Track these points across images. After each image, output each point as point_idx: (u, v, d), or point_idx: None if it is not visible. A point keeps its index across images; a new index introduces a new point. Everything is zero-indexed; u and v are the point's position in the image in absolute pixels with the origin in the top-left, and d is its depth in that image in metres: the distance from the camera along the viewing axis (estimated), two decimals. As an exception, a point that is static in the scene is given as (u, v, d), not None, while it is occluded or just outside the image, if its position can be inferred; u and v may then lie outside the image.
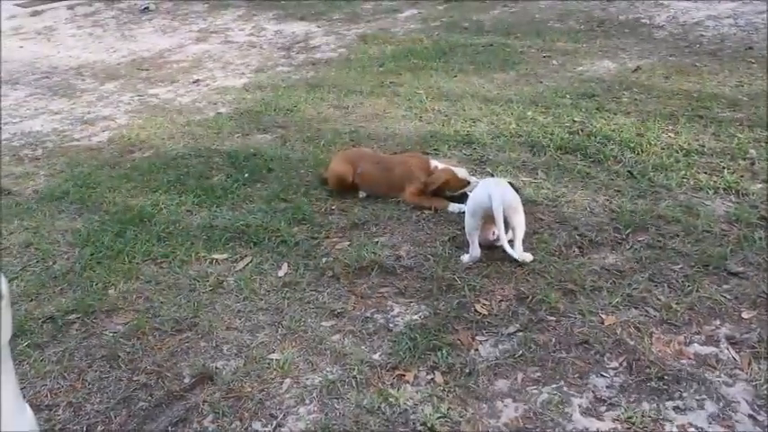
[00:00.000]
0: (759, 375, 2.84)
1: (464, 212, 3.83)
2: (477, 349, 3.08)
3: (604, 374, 2.91)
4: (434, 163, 4.46)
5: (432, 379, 2.92)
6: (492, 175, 3.92)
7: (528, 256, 3.65)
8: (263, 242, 4.08)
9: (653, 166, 4.62)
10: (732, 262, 3.56)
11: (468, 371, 2.94)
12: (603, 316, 3.23)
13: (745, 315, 3.19)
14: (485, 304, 3.36)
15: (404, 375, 2.94)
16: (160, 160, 5.58)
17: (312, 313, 3.41)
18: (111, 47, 10.47)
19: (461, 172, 4.35)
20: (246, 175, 5.07)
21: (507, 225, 3.61)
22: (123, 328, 3.41)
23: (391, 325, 3.29)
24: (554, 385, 2.87)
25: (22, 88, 8.64)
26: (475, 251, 3.64)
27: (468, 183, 4.27)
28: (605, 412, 2.72)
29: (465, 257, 3.70)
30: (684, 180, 4.43)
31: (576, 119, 5.58)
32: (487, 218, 3.58)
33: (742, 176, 4.42)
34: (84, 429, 2.85)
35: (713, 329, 3.12)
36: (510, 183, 3.88)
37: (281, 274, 3.76)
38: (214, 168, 5.30)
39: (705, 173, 4.51)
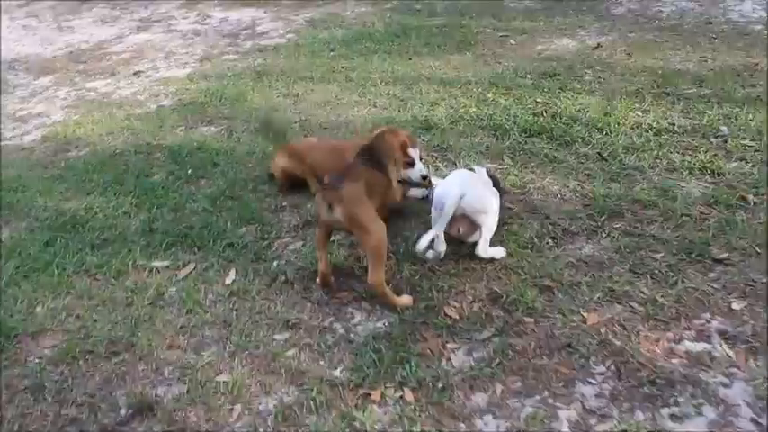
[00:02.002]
0: (757, 373, 2.59)
1: (426, 197, 3.63)
2: (449, 359, 2.78)
3: (591, 381, 2.62)
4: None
5: (401, 397, 2.60)
6: (471, 169, 3.57)
7: (500, 252, 3.35)
8: (207, 246, 3.72)
9: (623, 148, 4.37)
10: (715, 248, 3.31)
11: (441, 385, 2.63)
12: (585, 314, 2.95)
13: (735, 306, 2.94)
14: (455, 307, 3.05)
15: (369, 394, 2.62)
16: (97, 158, 5.16)
17: (264, 325, 3.07)
18: (46, 39, 9.94)
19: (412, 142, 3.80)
20: (190, 171, 4.69)
21: (473, 224, 3.31)
22: (51, 353, 3.02)
23: (352, 335, 2.96)
24: (537, 397, 2.58)
25: (-52, 84, 8.09)
26: (439, 246, 3.31)
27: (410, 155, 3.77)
28: (596, 425, 2.44)
29: (429, 254, 3.38)
30: (657, 161, 4.18)
31: (538, 100, 5.31)
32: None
33: (716, 155, 4.18)
34: (5, 475, 2.48)
35: (703, 324, 2.86)
36: (491, 175, 3.58)
37: (228, 281, 3.41)
38: (155, 165, 4.90)
39: (678, 153, 4.26)
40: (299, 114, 5.62)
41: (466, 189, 3.18)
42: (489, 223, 3.28)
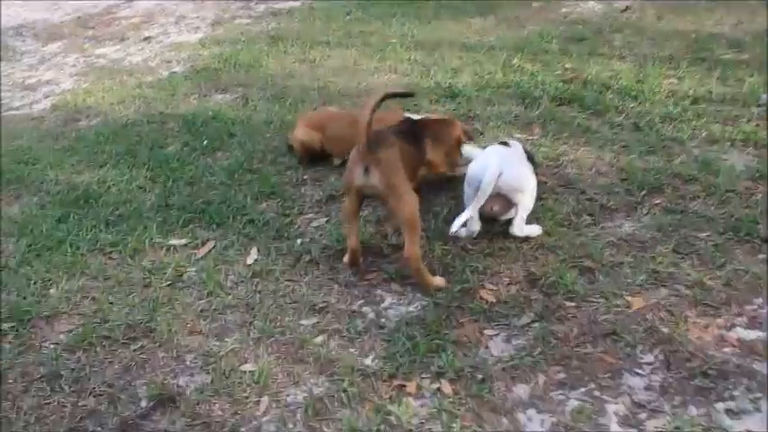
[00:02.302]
0: (817, 364, 2.42)
1: None
2: (487, 346, 2.61)
3: (639, 372, 2.46)
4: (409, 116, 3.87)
5: (438, 389, 2.43)
6: (505, 143, 3.36)
7: (535, 229, 3.17)
8: (226, 222, 3.54)
9: (660, 117, 4.16)
10: (764, 226, 3.11)
11: (480, 376, 2.46)
12: (629, 298, 2.77)
13: (789, 290, 2.76)
14: (491, 290, 2.88)
15: (404, 386, 2.45)
16: (108, 129, 4.98)
17: (289, 309, 2.89)
18: (53, 4, 9.71)
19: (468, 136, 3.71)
20: (205, 142, 4.50)
21: (509, 203, 3.12)
22: (66, 338, 2.86)
23: (383, 320, 2.79)
24: (582, 389, 2.41)
25: (-46, 51, 7.90)
26: (472, 225, 3.13)
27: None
28: (647, 420, 2.27)
29: (462, 232, 3.21)
30: (696, 131, 3.98)
31: (567, 65, 5.09)
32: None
33: (758, 125, 3.97)
34: (21, 470, 2.35)
35: (756, 309, 2.68)
36: (526, 150, 3.39)
37: (249, 261, 3.23)
38: (169, 136, 4.72)
39: (717, 123, 4.06)
40: (317, 81, 5.41)
41: (504, 166, 2.99)
42: (526, 202, 3.10)
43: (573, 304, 2.77)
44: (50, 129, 5.26)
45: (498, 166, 2.96)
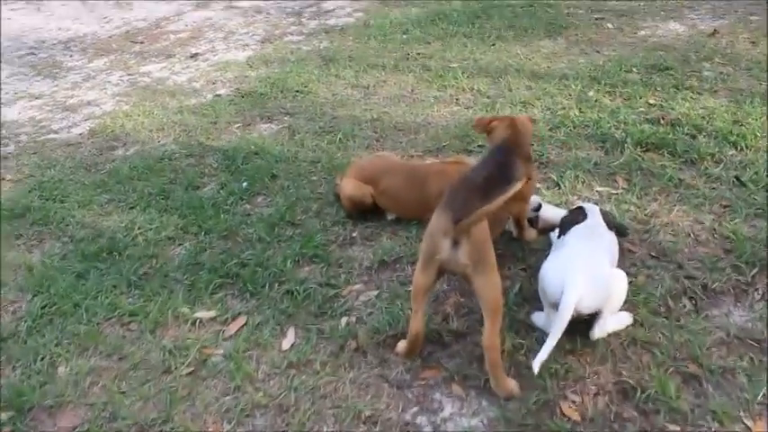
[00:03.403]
0: None
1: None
2: (572, 487, 2.10)
3: None
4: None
5: None
6: (580, 209, 2.82)
7: (624, 320, 2.63)
8: (262, 292, 3.07)
9: (766, 169, 3.57)
10: None
11: None
12: (748, 422, 2.23)
13: None
14: (574, 402, 2.35)
15: None
16: (143, 162, 4.58)
17: (330, 416, 2.40)
18: (104, 16, 9.46)
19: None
20: (245, 184, 4.06)
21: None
22: (68, 440, 2.45)
23: (442, 438, 2.30)
24: None
25: (5, 67, 7.67)
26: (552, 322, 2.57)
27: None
28: None
29: (537, 317, 2.70)
30: (813, 189, 3.40)
31: (651, 101, 4.51)
32: None
33: None
34: None
35: None
36: (606, 216, 2.86)
37: (285, 345, 2.76)
38: (206, 174, 4.30)
39: (837, 178, 3.46)
40: (370, 111, 4.95)
41: (586, 285, 2.42)
42: (613, 306, 2.53)
43: (677, 429, 2.23)
44: (85, 158, 4.90)
45: (577, 288, 2.40)
